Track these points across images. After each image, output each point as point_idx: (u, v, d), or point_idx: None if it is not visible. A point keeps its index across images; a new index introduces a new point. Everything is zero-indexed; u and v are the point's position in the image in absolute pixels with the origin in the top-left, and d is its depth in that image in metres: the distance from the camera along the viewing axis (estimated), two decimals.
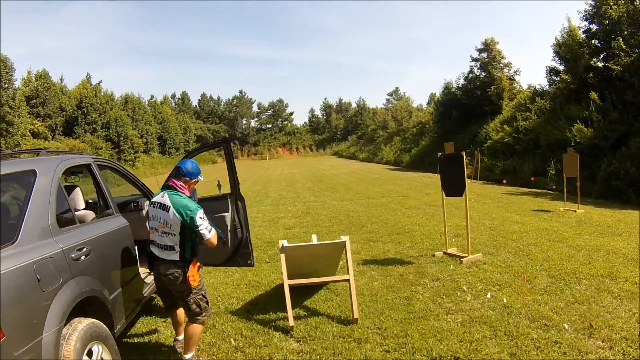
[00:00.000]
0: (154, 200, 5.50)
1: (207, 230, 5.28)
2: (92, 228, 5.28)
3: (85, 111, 53.13)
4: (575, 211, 15.51)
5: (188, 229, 5.24)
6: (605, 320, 6.30)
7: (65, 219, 4.97)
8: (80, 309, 4.44)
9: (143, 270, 6.79)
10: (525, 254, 10.11)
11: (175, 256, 5.26)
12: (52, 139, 45.95)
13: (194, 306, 5.38)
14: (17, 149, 30.41)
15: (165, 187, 5.50)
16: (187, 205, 5.22)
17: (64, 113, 52.63)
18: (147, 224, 5.67)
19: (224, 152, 6.77)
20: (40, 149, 5.86)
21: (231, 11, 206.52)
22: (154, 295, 7.50)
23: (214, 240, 5.39)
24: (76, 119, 52.49)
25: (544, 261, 9.44)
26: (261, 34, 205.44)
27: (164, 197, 5.35)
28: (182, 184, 5.48)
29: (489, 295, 7.49)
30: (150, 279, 6.53)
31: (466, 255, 9.80)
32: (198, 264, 5.46)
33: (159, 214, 5.34)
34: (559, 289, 7.72)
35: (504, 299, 7.23)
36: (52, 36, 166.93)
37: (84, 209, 6.04)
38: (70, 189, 5.98)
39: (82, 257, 4.67)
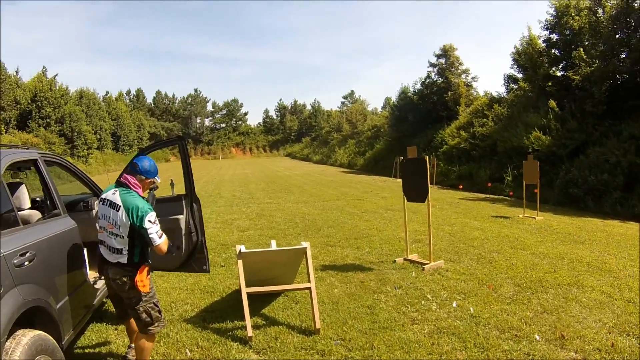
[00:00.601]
0: (103, 196, 5.10)
1: (158, 236, 4.85)
2: (37, 230, 4.89)
3: (40, 105, 52.32)
4: (535, 218, 15.56)
5: (137, 232, 4.84)
6: (577, 331, 6.18)
7: (7, 220, 4.59)
8: (25, 319, 4.08)
9: (93, 275, 6.42)
10: (488, 261, 9.96)
11: (123, 259, 4.87)
12: (6, 133, 45.16)
13: (144, 315, 4.97)
14: None
15: (118, 183, 5.12)
16: (138, 206, 4.82)
17: (18, 106, 51.67)
18: (96, 222, 5.24)
19: (179, 150, 6.49)
20: None
21: (189, 9, 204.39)
22: (105, 300, 7.14)
23: (164, 247, 4.94)
24: (30, 112, 51.64)
25: (508, 269, 9.30)
26: (218, 32, 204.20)
27: (114, 195, 4.97)
28: (136, 181, 5.08)
29: (454, 304, 7.27)
30: (100, 284, 6.19)
31: (428, 262, 9.59)
32: (147, 268, 5.03)
33: (108, 213, 4.95)
34: (526, 298, 7.57)
35: (471, 308, 7.05)
36: (9, 27, 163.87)
37: (29, 209, 5.65)
38: (15, 186, 5.64)
39: (26, 263, 4.29)
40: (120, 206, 4.85)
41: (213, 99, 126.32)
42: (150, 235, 4.78)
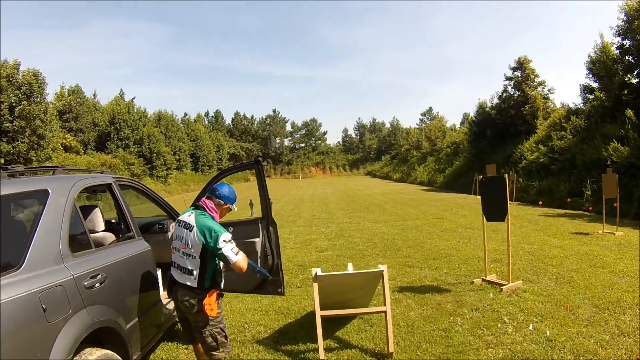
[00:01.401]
0: (180, 218, 5.16)
1: (234, 253, 4.81)
2: (109, 253, 5.00)
3: (118, 127, 53.96)
4: (614, 234, 15.04)
5: (211, 253, 4.83)
6: None
7: (79, 243, 4.67)
8: (95, 338, 4.19)
9: (166, 296, 6.47)
10: (567, 281, 9.62)
11: (193, 282, 4.90)
12: (84, 154, 46.58)
13: (209, 339, 4.96)
14: (45, 164, 30.70)
15: (195, 206, 5.20)
16: (211, 226, 4.83)
17: (97, 128, 53.61)
18: (171, 244, 5.27)
19: (256, 173, 6.45)
20: (57, 166, 5.54)
21: (264, 30, 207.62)
22: (177, 319, 7.18)
23: (243, 264, 4.91)
24: (109, 134, 53.32)
25: (586, 289, 8.96)
26: (295, 53, 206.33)
27: (190, 217, 5.01)
28: (213, 206, 5.14)
29: (531, 327, 7.02)
30: (172, 305, 6.18)
31: (506, 282, 9.34)
32: (217, 292, 5.00)
33: (182, 234, 4.99)
34: (604, 319, 7.25)
35: (547, 332, 6.77)
36: (84, 52, 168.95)
37: (103, 231, 5.74)
38: (89, 209, 5.78)
39: (96, 285, 4.39)
40: (194, 227, 4.86)
41: (292, 119, 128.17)
42: (225, 254, 4.76)
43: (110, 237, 5.66)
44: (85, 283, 4.21)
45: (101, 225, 5.75)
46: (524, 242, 14.08)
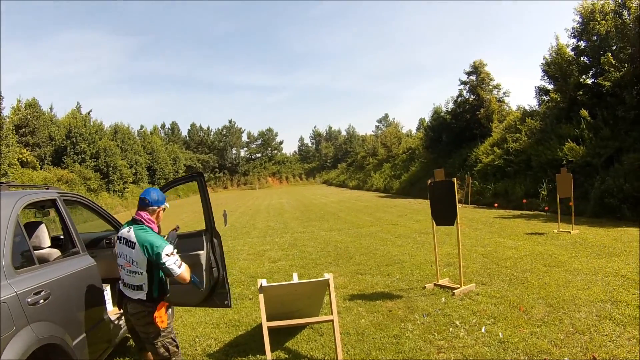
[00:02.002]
0: (120, 234, 5.17)
1: (177, 266, 4.88)
2: (53, 269, 4.96)
3: (75, 141, 53.65)
4: (570, 232, 15.35)
5: (155, 266, 4.91)
6: (609, 351, 5.99)
7: (23, 260, 4.65)
8: (43, 355, 4.16)
9: (116, 311, 6.49)
10: (521, 281, 9.73)
11: (142, 295, 4.95)
12: (41, 169, 46.05)
13: (161, 350, 5.01)
14: (1, 179, 30.27)
15: (132, 221, 5.18)
16: (152, 241, 4.87)
17: (53, 142, 53.08)
18: (117, 260, 5.28)
19: (198, 186, 6.47)
20: (1, 183, 5.49)
21: (219, 38, 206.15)
22: (128, 335, 7.15)
23: (186, 275, 4.98)
24: (65, 148, 52.90)
25: (540, 289, 9.08)
26: (250, 60, 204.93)
27: (130, 232, 5.02)
28: (148, 216, 5.16)
29: (483, 330, 7.08)
30: (122, 320, 6.17)
31: (458, 286, 9.41)
32: (166, 304, 5.07)
33: (125, 251, 5.02)
34: (558, 318, 7.34)
35: (500, 333, 6.84)
36: (43, 64, 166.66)
37: (49, 247, 5.70)
38: (34, 225, 5.73)
39: (40, 301, 4.35)
40: (135, 243, 4.89)
41: (248, 129, 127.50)
42: (169, 268, 4.83)
43: (55, 253, 5.60)
44: (29, 300, 4.18)
45: (47, 242, 5.72)
46: (477, 245, 14.25)
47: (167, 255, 4.83)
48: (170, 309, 5.18)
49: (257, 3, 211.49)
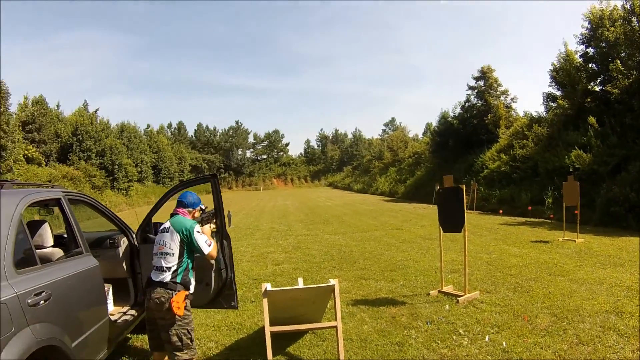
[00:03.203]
0: (160, 229, 5.68)
1: (207, 244, 5.48)
2: (55, 269, 4.91)
3: (81, 138, 53.70)
4: (575, 241, 15.28)
5: (187, 246, 5.39)
6: None
7: (24, 259, 4.58)
8: (42, 356, 4.12)
9: (118, 310, 6.51)
10: (525, 290, 9.67)
11: (166, 276, 5.27)
12: (46, 165, 46.23)
13: (174, 338, 5.17)
14: (6, 175, 30.33)
15: (171, 215, 5.69)
16: (184, 222, 5.48)
17: (59, 139, 53.20)
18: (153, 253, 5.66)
19: (212, 187, 6.54)
20: (6, 180, 5.46)
21: (227, 41, 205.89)
22: (129, 335, 7.11)
23: (214, 253, 5.63)
24: (71, 145, 52.98)
25: (544, 298, 9.02)
26: (257, 63, 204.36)
27: (167, 223, 5.59)
28: (185, 212, 5.74)
29: (487, 339, 7.02)
30: (123, 319, 6.23)
31: (463, 293, 9.34)
32: (185, 293, 5.32)
33: (161, 238, 5.49)
34: (562, 328, 7.28)
35: (503, 343, 6.78)
36: (50, 62, 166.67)
37: (52, 247, 5.67)
38: (38, 224, 5.69)
39: (41, 302, 4.31)
40: (170, 227, 5.48)
41: (254, 131, 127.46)
42: (199, 245, 5.41)
43: (58, 252, 5.58)
44: (29, 301, 4.14)
45: (50, 241, 5.68)
46: (482, 252, 14.18)
47: (197, 232, 5.43)
48: (188, 300, 5.33)
49: (260, 6, 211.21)
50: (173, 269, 5.27)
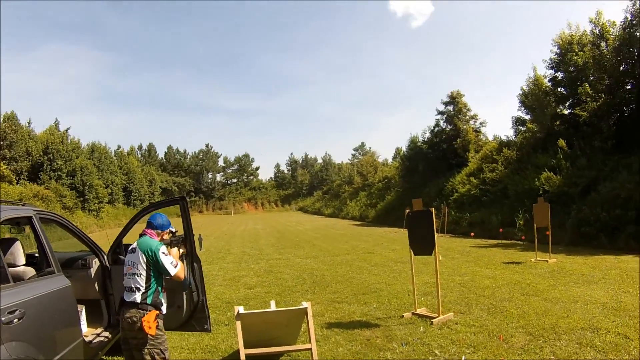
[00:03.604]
0: (128, 250, 5.54)
1: (172, 265, 5.32)
2: (28, 288, 4.86)
3: (52, 157, 53.32)
4: (547, 261, 15.46)
5: (154, 267, 5.24)
6: None
7: None
8: None
9: (91, 332, 6.43)
10: (499, 310, 9.71)
11: (136, 297, 5.17)
12: (17, 184, 45.70)
13: (147, 357, 5.10)
14: None
15: (140, 236, 5.54)
16: (150, 243, 5.34)
17: (30, 157, 52.69)
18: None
19: (180, 209, 6.49)
20: None
21: (202, 61, 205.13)
22: (103, 357, 7.01)
23: (181, 274, 5.46)
24: (42, 164, 52.54)
25: (519, 317, 9.05)
26: (229, 84, 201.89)
27: (135, 244, 5.45)
28: (154, 234, 5.57)
29: (463, 359, 7.04)
30: (97, 341, 6.17)
31: (437, 315, 9.33)
32: (157, 313, 5.19)
33: (130, 258, 5.38)
34: (538, 347, 7.32)
35: None
36: (23, 76, 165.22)
37: (24, 265, 5.58)
38: (9, 242, 5.62)
39: (15, 321, 4.25)
40: (136, 248, 5.35)
41: (224, 154, 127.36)
42: (165, 266, 5.25)
43: (30, 271, 5.48)
44: (3, 319, 4.09)
45: (22, 259, 5.61)
46: (455, 274, 14.22)
47: (163, 253, 5.28)
48: (160, 320, 5.25)
49: (236, 26, 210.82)
50: (142, 290, 5.20)
